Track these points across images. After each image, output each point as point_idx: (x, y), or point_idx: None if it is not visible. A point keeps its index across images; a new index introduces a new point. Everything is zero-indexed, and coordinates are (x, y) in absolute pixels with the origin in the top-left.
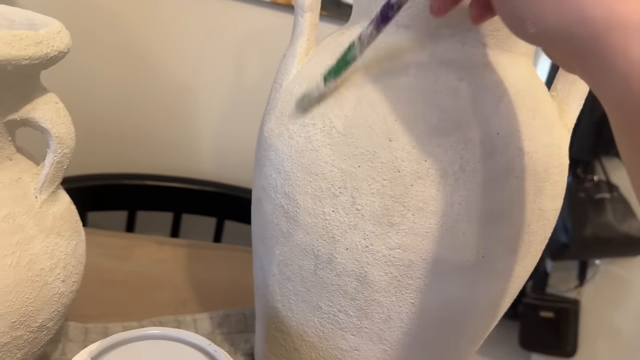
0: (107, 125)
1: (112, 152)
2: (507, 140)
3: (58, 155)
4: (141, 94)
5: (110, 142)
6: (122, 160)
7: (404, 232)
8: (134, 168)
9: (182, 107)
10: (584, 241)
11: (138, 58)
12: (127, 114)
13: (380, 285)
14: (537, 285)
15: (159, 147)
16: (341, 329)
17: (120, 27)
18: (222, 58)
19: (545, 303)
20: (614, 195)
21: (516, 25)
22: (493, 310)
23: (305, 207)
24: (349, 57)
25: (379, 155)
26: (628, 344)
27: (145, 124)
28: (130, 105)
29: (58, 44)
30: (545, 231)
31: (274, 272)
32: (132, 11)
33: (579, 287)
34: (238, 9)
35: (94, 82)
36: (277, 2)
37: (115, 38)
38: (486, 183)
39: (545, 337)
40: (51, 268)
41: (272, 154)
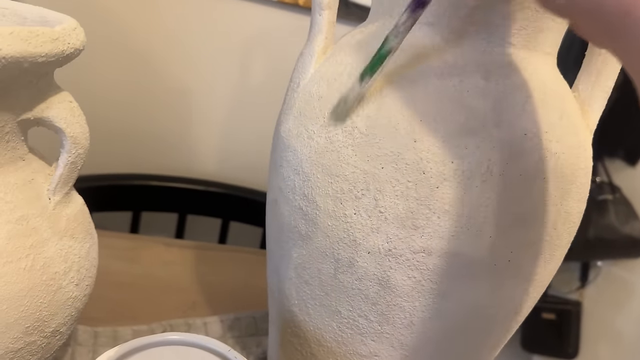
0: (112, 126)
1: (117, 152)
2: (535, 142)
3: (72, 156)
4: (146, 94)
5: (115, 142)
6: (127, 161)
7: (428, 236)
8: (138, 168)
9: (187, 108)
10: (586, 242)
11: (143, 59)
12: (132, 114)
13: (403, 289)
14: None
15: (163, 147)
16: (361, 334)
17: (125, 27)
18: (228, 58)
19: (546, 305)
20: (616, 197)
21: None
22: (516, 315)
23: (325, 209)
24: (383, 51)
25: (404, 156)
26: (630, 346)
27: (150, 124)
28: (135, 105)
29: (74, 41)
30: (570, 234)
31: (291, 276)
32: (137, 12)
33: (581, 288)
34: (244, 8)
35: (99, 82)
36: (284, 2)
37: (119, 38)
38: (514, 185)
39: (547, 339)
40: (65, 271)
41: (290, 155)
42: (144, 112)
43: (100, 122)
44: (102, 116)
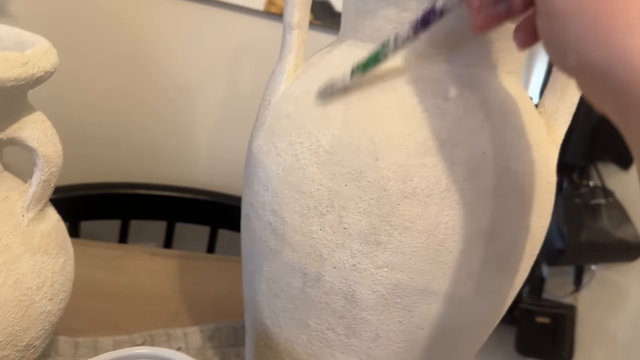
0: (101, 134)
1: (105, 160)
2: (493, 160)
3: (45, 174)
4: (135, 102)
5: (104, 151)
6: (115, 169)
7: (390, 251)
8: (127, 177)
9: (175, 116)
10: (580, 247)
11: (132, 68)
12: (120, 123)
13: (368, 303)
14: (533, 291)
15: (152, 155)
16: (330, 346)
17: (114, 37)
18: (216, 67)
19: (541, 309)
20: (609, 201)
21: (558, 54)
22: (484, 327)
23: (292, 225)
24: (380, 55)
25: (366, 174)
26: (624, 349)
27: (139, 133)
28: (124, 114)
29: (44, 64)
30: (533, 248)
31: (263, 289)
32: (127, 22)
33: (575, 292)
34: (232, 18)
35: (87, 91)
36: (271, 12)
37: (109, 48)
38: (472, 202)
39: (542, 343)
40: (38, 287)
41: (260, 171)
42: (133, 121)
43: (88, 131)
44: (90, 125)
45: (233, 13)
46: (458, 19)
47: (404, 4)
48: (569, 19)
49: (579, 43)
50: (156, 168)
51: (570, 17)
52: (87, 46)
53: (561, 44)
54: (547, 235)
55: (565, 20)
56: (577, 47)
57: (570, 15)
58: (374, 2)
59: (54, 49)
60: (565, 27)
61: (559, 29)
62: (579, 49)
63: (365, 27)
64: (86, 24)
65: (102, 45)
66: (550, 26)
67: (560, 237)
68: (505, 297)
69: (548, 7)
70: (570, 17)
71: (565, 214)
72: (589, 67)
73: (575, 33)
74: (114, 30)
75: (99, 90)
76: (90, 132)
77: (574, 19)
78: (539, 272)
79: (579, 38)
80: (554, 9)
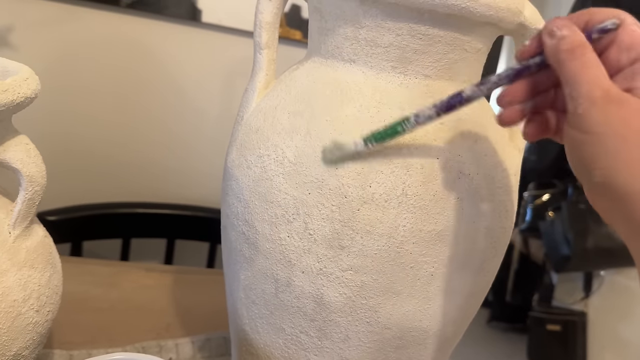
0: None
1: (104, 181)
2: (447, 165)
3: (29, 193)
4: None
5: (103, 172)
6: (115, 190)
7: (354, 255)
8: (126, 197)
9: (172, 136)
10: (586, 252)
11: (129, 92)
12: (119, 144)
13: (336, 305)
14: (543, 299)
15: (150, 175)
16: (304, 349)
17: (112, 62)
18: (212, 87)
19: (551, 316)
20: None
21: (583, 168)
22: (453, 327)
23: (263, 233)
24: (399, 129)
25: (327, 182)
26: (636, 355)
27: (137, 154)
28: (122, 136)
29: (25, 90)
30: (497, 249)
31: (241, 296)
32: (125, 47)
33: (585, 298)
34: (227, 40)
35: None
36: None
37: (106, 73)
38: (428, 205)
39: (553, 351)
40: (24, 299)
41: (233, 184)
42: (131, 142)
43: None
44: (90, 147)
45: (227, 35)
46: (410, 35)
47: (360, 22)
48: (600, 140)
49: (608, 164)
50: (155, 187)
51: (602, 138)
52: (86, 72)
53: (588, 160)
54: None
55: (596, 140)
56: (605, 168)
57: (602, 136)
58: (332, 21)
59: (36, 76)
60: (595, 146)
61: (590, 146)
62: (607, 171)
63: (327, 44)
64: (84, 51)
65: (100, 70)
66: (582, 141)
67: (566, 243)
68: (473, 297)
69: (583, 124)
70: (602, 138)
71: (570, 220)
72: (613, 188)
73: (605, 154)
74: (112, 55)
75: (97, 116)
76: (89, 154)
77: (606, 140)
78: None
79: (608, 159)
80: (588, 127)
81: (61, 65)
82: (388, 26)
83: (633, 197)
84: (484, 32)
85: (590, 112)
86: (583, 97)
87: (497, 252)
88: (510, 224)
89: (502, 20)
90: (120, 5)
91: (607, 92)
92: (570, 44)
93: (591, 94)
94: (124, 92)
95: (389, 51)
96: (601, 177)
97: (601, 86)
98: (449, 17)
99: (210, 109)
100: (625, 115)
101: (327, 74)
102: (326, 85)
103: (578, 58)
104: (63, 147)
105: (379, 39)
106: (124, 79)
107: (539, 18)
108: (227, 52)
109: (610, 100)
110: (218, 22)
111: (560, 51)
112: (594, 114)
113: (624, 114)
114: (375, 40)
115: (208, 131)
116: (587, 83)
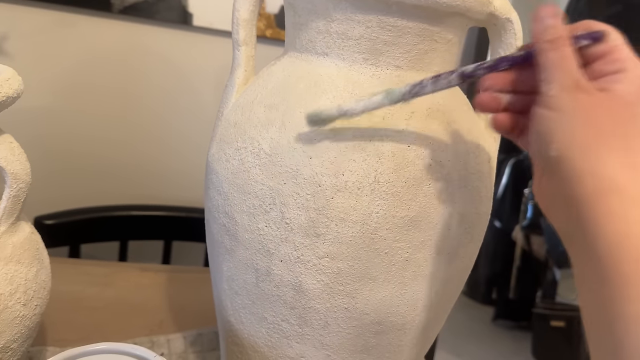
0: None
1: (101, 185)
2: (418, 152)
3: (14, 190)
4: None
5: (99, 176)
6: (111, 193)
7: (330, 242)
8: (122, 200)
9: (167, 139)
10: None
11: (124, 96)
12: (115, 148)
13: (314, 293)
14: (547, 295)
15: (146, 177)
16: (286, 337)
17: (106, 67)
18: (205, 90)
19: (555, 312)
20: None
21: (543, 142)
22: (432, 312)
23: (242, 224)
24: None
25: (302, 172)
26: None
27: (132, 157)
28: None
29: (6, 90)
30: (472, 235)
31: (225, 288)
32: (120, 52)
33: None
34: (220, 43)
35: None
36: (265, 36)
37: (101, 79)
38: (401, 192)
39: (558, 347)
40: (11, 293)
41: (214, 177)
42: (126, 146)
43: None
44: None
45: (218, 38)
46: (380, 27)
47: (330, 15)
48: (563, 117)
49: (565, 141)
50: (150, 189)
51: (566, 117)
52: (80, 77)
53: (549, 135)
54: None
55: (560, 117)
56: (562, 144)
57: (566, 115)
58: (305, 15)
59: (19, 77)
60: (558, 122)
61: (553, 121)
62: (563, 147)
63: (301, 39)
64: (78, 57)
65: (94, 75)
66: (547, 117)
67: None
68: (450, 282)
69: (551, 102)
70: (565, 116)
71: None
72: (564, 165)
73: (564, 131)
74: (105, 60)
75: (92, 120)
76: (84, 157)
77: (568, 119)
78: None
79: (566, 137)
80: (555, 105)
81: (56, 71)
82: (358, 19)
83: (581, 174)
84: (453, 23)
85: (561, 94)
86: (557, 81)
87: (473, 238)
88: (486, 210)
89: (470, 10)
90: (112, 12)
91: (578, 82)
92: (553, 35)
93: (564, 81)
94: (118, 96)
95: (360, 43)
96: (557, 150)
97: (574, 76)
98: (416, 8)
99: (203, 110)
100: (592, 103)
101: (302, 67)
102: (300, 79)
103: (557, 49)
104: (58, 151)
105: (350, 31)
106: (118, 83)
107: (509, 8)
108: (219, 54)
109: (580, 88)
110: (209, 25)
111: (543, 40)
112: (564, 96)
113: (591, 102)
114: (346, 33)
115: (201, 133)
116: (562, 71)
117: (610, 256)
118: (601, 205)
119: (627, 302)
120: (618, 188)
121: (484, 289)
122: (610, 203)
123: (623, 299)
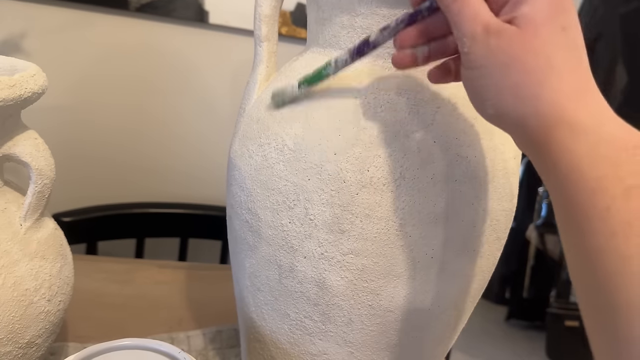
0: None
1: (118, 182)
2: (444, 147)
3: (39, 186)
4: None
5: (117, 173)
6: (128, 190)
7: (354, 238)
8: (139, 197)
9: (184, 137)
10: None
11: (142, 94)
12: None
13: (338, 289)
14: (561, 295)
15: (162, 175)
16: (309, 334)
17: (124, 65)
18: (222, 87)
19: (570, 312)
20: None
21: (478, 102)
22: (455, 310)
23: (265, 220)
24: (322, 73)
25: (326, 168)
26: None
27: (150, 155)
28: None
29: (32, 86)
30: (497, 231)
31: (247, 284)
32: (137, 50)
33: None
34: (235, 40)
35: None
36: (281, 34)
37: (119, 76)
38: (427, 188)
39: (572, 347)
40: (36, 288)
41: (236, 173)
42: (144, 144)
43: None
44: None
45: (234, 35)
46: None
47: (355, 10)
48: (486, 72)
49: (496, 94)
50: (168, 187)
51: (488, 70)
52: (97, 76)
53: (480, 94)
54: None
55: (482, 73)
56: (495, 99)
57: (487, 68)
58: (329, 10)
59: (43, 73)
60: (483, 79)
61: (478, 80)
62: (496, 101)
63: (324, 34)
64: (95, 54)
65: (111, 73)
66: (472, 77)
67: None
68: (474, 279)
69: (470, 61)
70: (487, 70)
71: None
72: (505, 117)
73: (492, 85)
74: (122, 58)
75: (110, 119)
76: (102, 157)
77: (490, 71)
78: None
79: (495, 90)
80: (474, 62)
81: (73, 69)
82: (383, 13)
83: (522, 121)
84: None
85: (474, 48)
86: (466, 35)
87: (499, 235)
88: (511, 207)
89: None
90: (129, 9)
91: (487, 26)
92: None
93: (472, 31)
94: (136, 94)
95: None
96: (492, 108)
97: (481, 21)
98: None
99: (219, 108)
100: (504, 44)
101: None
102: None
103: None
104: (75, 149)
105: (375, 25)
106: (135, 81)
107: None
108: (235, 52)
109: (489, 33)
110: (225, 23)
111: None
112: (477, 49)
113: (503, 43)
114: (371, 28)
115: (218, 130)
116: (468, 21)
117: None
118: (552, 144)
119: (590, 237)
120: (563, 120)
121: (497, 288)
122: (560, 138)
123: (585, 234)
